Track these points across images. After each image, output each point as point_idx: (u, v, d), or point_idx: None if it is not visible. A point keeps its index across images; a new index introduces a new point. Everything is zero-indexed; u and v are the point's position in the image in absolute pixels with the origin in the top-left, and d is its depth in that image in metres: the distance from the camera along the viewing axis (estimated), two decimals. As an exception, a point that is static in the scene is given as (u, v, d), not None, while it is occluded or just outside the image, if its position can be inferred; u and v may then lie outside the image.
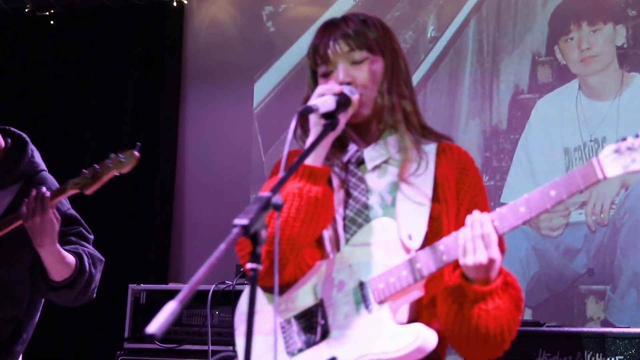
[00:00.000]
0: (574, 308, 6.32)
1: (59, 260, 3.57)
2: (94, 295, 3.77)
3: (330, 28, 2.78)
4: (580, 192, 2.38)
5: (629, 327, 5.25)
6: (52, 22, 7.86)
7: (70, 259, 3.61)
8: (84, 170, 3.56)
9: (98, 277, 3.76)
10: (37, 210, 3.49)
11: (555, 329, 5.32)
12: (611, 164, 2.35)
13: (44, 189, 3.53)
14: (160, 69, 7.79)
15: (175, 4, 7.62)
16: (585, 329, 5.27)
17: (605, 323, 6.17)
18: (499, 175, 6.65)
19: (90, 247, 3.75)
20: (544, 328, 5.30)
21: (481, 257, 2.45)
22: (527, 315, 6.22)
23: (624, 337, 4.90)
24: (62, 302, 3.75)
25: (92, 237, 3.77)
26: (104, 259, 3.77)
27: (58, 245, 3.55)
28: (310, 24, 7.38)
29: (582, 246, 6.35)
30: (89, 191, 3.57)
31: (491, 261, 2.46)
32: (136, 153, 3.54)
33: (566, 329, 5.30)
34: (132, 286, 6.21)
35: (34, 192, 3.52)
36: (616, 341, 4.90)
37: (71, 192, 3.58)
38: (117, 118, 7.72)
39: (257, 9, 7.69)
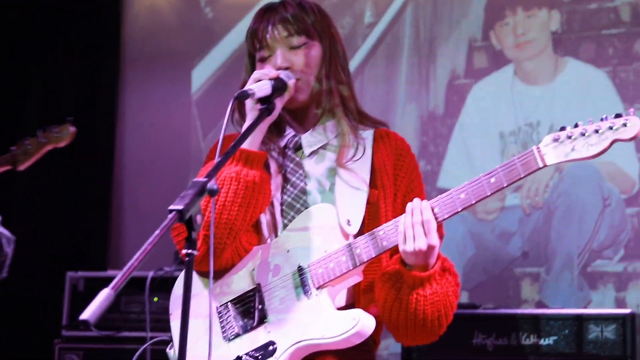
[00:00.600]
0: (509, 290, 6.39)
1: None
2: (6, 274, 3.71)
3: (269, 13, 2.80)
4: (520, 179, 2.44)
5: (562, 308, 5.33)
6: (-14, 7, 7.75)
7: None
8: (12, 147, 3.50)
9: (11, 254, 3.69)
10: None
11: (491, 310, 5.39)
12: (551, 152, 2.42)
13: None
14: (98, 56, 7.71)
15: (112, -11, 7.56)
16: (520, 311, 5.34)
17: (540, 304, 6.25)
18: (435, 160, 6.69)
19: (1, 227, 3.68)
20: (480, 310, 5.36)
21: (421, 244, 2.49)
22: (464, 297, 6.28)
23: (557, 318, 4.98)
24: None
25: (0, 217, 3.71)
26: (15, 238, 3.70)
27: None
28: (248, 10, 7.34)
29: (517, 229, 6.41)
30: (22, 167, 3.51)
31: (430, 248, 2.51)
32: (71, 127, 3.50)
33: (501, 310, 5.36)
34: (69, 273, 6.16)
35: None
36: (550, 322, 4.97)
37: (1, 169, 3.52)
38: (54, 103, 7.64)
39: (194, -5, 7.65)
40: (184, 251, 2.13)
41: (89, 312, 1.83)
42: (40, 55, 7.75)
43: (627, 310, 4.98)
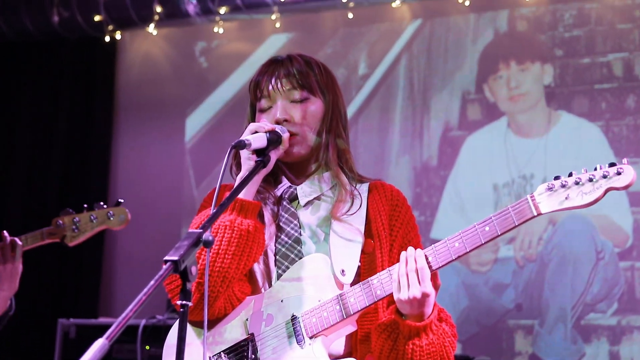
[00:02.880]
0: (502, 342, 6.38)
1: (4, 301, 3.53)
2: (14, 310, 3.71)
3: (274, 65, 2.82)
4: (514, 227, 2.44)
5: (556, 362, 5.32)
6: (-19, 54, 7.79)
7: (8, 302, 3.58)
8: (59, 221, 3.52)
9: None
10: (8, 257, 3.43)
11: (485, 363, 5.38)
12: (545, 200, 2.42)
13: (15, 238, 3.47)
14: (92, 103, 7.74)
15: (107, 39, 7.59)
16: (513, 363, 5.33)
17: (533, 357, 6.23)
18: (429, 210, 6.70)
19: None
20: (473, 363, 5.35)
21: (415, 292, 2.49)
22: (457, 349, 6.22)
23: (551, 372, 4.97)
24: None
25: None
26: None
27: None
28: (242, 60, 7.42)
29: (510, 281, 6.41)
30: (72, 244, 3.54)
31: (425, 296, 2.50)
32: (129, 213, 3.52)
33: (495, 363, 5.36)
34: (61, 320, 6.13)
35: (6, 239, 3.46)
36: (544, 375, 4.96)
37: (49, 241, 3.55)
38: (47, 152, 7.65)
39: (190, 45, 7.69)
40: (178, 302, 2.12)
41: (83, 363, 1.82)
42: (31, 102, 7.77)
43: (620, 364, 4.98)
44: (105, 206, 3.53)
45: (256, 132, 2.65)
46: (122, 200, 3.58)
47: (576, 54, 6.55)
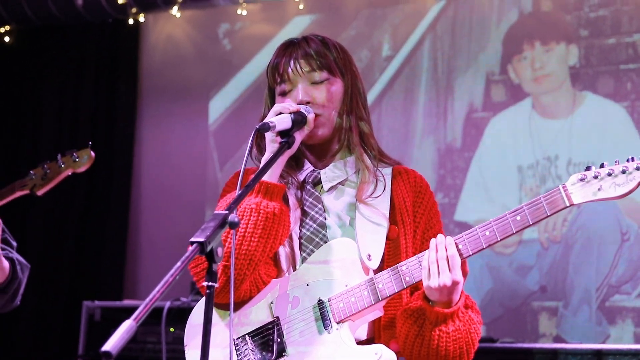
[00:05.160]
0: (526, 324, 6.37)
1: None
2: (19, 302, 3.68)
3: (291, 47, 2.80)
4: (546, 217, 2.44)
5: (581, 343, 5.30)
6: (7, 38, 7.81)
7: (6, 263, 3.52)
8: (31, 171, 3.49)
9: (24, 283, 3.66)
10: None
11: (509, 345, 5.37)
12: (578, 191, 2.43)
13: None
14: (115, 86, 7.76)
15: (131, 21, 7.60)
16: (538, 345, 5.32)
17: (558, 339, 6.22)
18: (453, 192, 6.69)
19: (16, 253, 3.66)
20: (498, 344, 5.34)
21: (445, 280, 2.49)
22: (481, 331, 6.25)
23: (576, 353, 4.95)
24: None
25: (15, 244, 3.69)
26: (29, 266, 3.68)
27: None
28: (266, 42, 7.41)
29: (534, 263, 6.40)
30: (40, 192, 3.48)
31: (455, 283, 2.50)
32: (92, 152, 3.49)
33: (519, 345, 5.34)
34: (86, 303, 6.16)
35: None
36: (568, 357, 4.95)
37: (19, 193, 3.49)
38: (72, 135, 7.68)
39: (213, 27, 7.69)
40: (204, 283, 2.13)
41: (111, 344, 1.82)
42: (57, 86, 7.80)
43: (646, 346, 4.96)
44: (74, 152, 3.51)
45: (280, 113, 2.65)
46: (90, 143, 3.56)
47: (601, 34, 6.50)
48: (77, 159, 3.49)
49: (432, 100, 6.90)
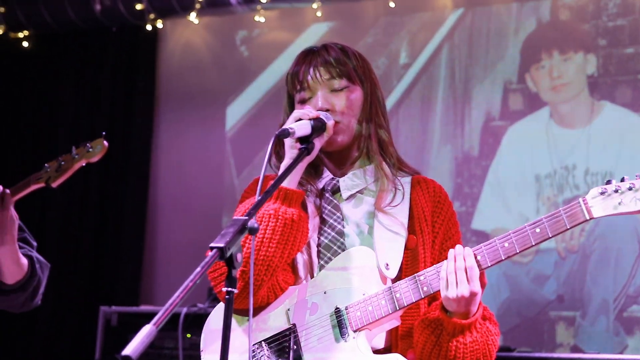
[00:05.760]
0: (544, 334, 6.35)
1: (15, 261, 3.46)
2: (40, 302, 3.67)
3: (311, 55, 2.81)
4: (565, 230, 2.43)
5: (598, 353, 5.28)
6: (25, 43, 7.84)
7: (24, 260, 3.50)
8: (46, 164, 3.49)
9: (44, 282, 3.65)
10: None
11: (526, 354, 5.35)
12: (598, 204, 2.42)
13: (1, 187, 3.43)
14: (133, 92, 7.78)
15: (149, 27, 7.62)
16: (557, 355, 5.31)
17: (575, 349, 6.19)
18: (470, 201, 6.67)
19: (36, 252, 3.66)
20: (515, 353, 5.33)
21: (463, 290, 2.49)
22: (499, 342, 6.23)
23: (593, 363, 4.94)
24: (9, 307, 3.61)
25: (35, 244, 3.69)
26: (49, 265, 3.67)
27: (16, 245, 3.47)
28: (283, 49, 7.41)
29: (552, 272, 6.38)
30: (55, 184, 3.47)
31: (473, 295, 2.50)
32: (105, 142, 3.49)
33: (537, 354, 5.33)
34: (103, 308, 6.17)
35: None
36: (586, 367, 4.94)
37: (34, 186, 3.49)
38: (88, 139, 7.68)
39: (231, 34, 7.70)
40: (224, 289, 2.13)
41: (132, 348, 1.82)
42: (74, 91, 7.82)
43: (664, 357, 4.94)
44: (87, 143, 3.51)
45: (300, 119, 2.65)
46: (104, 133, 3.56)
47: (620, 43, 6.49)
48: (90, 149, 3.50)
49: (450, 109, 6.89)
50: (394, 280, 2.64)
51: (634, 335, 6.12)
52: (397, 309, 2.56)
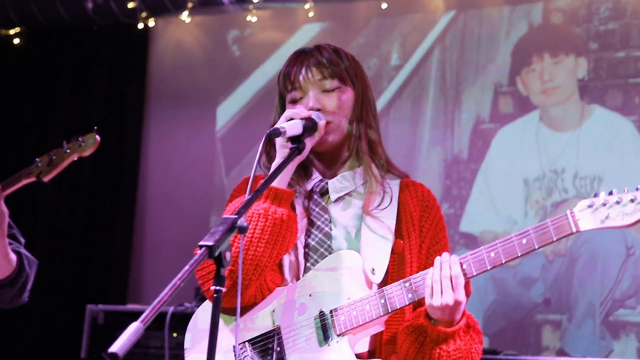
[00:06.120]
0: (530, 337, 6.36)
1: (4, 256, 3.45)
2: (27, 298, 3.66)
3: (303, 56, 2.81)
4: (552, 242, 2.43)
5: (584, 357, 5.30)
6: (16, 40, 7.83)
7: (13, 256, 3.49)
8: (37, 159, 3.48)
9: (32, 279, 3.64)
10: None
11: (513, 357, 5.37)
12: (586, 217, 2.41)
13: None
14: (124, 90, 7.77)
15: (140, 26, 7.61)
16: (541, 358, 5.33)
17: (561, 352, 6.21)
18: (458, 203, 6.68)
19: (24, 249, 3.64)
20: (501, 356, 5.34)
21: (448, 299, 2.49)
22: (484, 343, 6.23)
23: (579, 367, 4.96)
24: None
25: (24, 240, 3.67)
26: (37, 262, 3.66)
27: (6, 240, 3.46)
28: (275, 49, 7.41)
29: (539, 276, 6.39)
30: (46, 178, 3.46)
31: (457, 303, 2.50)
32: (97, 136, 3.48)
33: (522, 357, 5.34)
34: (90, 306, 6.16)
35: None
36: (572, 371, 4.95)
37: (25, 181, 3.47)
38: (81, 135, 7.67)
39: (222, 33, 7.70)
40: (212, 287, 2.12)
41: (118, 345, 1.81)
42: (65, 89, 7.81)
43: (649, 361, 4.95)
44: (79, 137, 3.50)
45: (292, 119, 2.65)
46: (96, 127, 3.56)
47: (611, 47, 6.51)
48: (82, 144, 3.49)
49: (440, 111, 6.90)
50: (380, 285, 2.63)
51: (620, 339, 6.13)
52: (381, 314, 2.56)
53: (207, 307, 2.76)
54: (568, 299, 6.31)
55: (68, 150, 3.49)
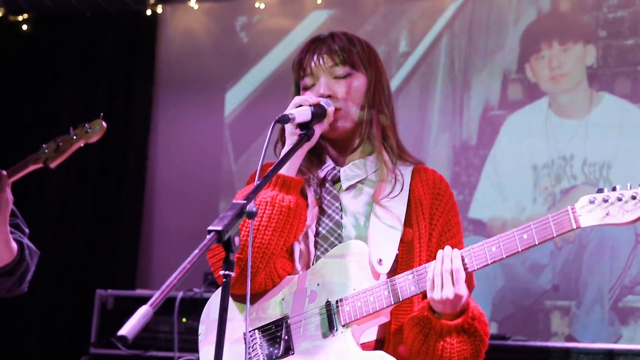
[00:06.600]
0: (539, 323, 6.36)
1: (5, 243, 3.44)
2: (26, 288, 3.65)
3: (316, 43, 2.81)
4: (552, 238, 2.42)
5: (593, 343, 5.30)
6: (24, 26, 7.83)
7: (14, 244, 3.48)
8: (44, 145, 3.48)
9: (33, 269, 3.63)
10: None
11: (521, 343, 5.37)
12: (586, 214, 2.39)
13: None
14: (132, 77, 7.77)
15: (149, 12, 7.61)
16: (551, 344, 5.33)
17: (570, 338, 6.21)
18: (467, 190, 6.68)
19: (27, 239, 3.63)
20: (510, 342, 5.34)
21: (448, 293, 2.48)
22: (493, 329, 6.25)
23: (589, 352, 4.95)
24: None
25: (27, 231, 3.66)
26: (39, 252, 3.65)
27: (8, 227, 3.45)
28: (283, 36, 7.41)
29: (548, 262, 6.39)
30: (53, 164, 3.45)
31: (458, 297, 2.49)
32: (103, 123, 3.48)
33: (532, 343, 5.35)
34: (99, 291, 6.18)
35: None
36: (580, 356, 4.94)
37: (32, 167, 3.46)
38: (88, 122, 7.68)
39: (230, 20, 7.70)
40: (221, 272, 2.13)
41: (128, 328, 1.82)
42: (73, 75, 7.82)
43: (658, 347, 4.96)
44: (86, 124, 3.50)
45: (300, 105, 2.65)
46: (102, 114, 3.55)
47: (620, 35, 6.49)
48: (89, 130, 3.48)
49: (448, 98, 6.90)
50: (389, 274, 2.63)
51: (629, 325, 6.13)
52: (385, 306, 2.56)
53: (218, 297, 2.76)
54: (577, 285, 6.31)
55: (75, 137, 3.48)
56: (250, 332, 2.68)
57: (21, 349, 7.36)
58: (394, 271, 2.64)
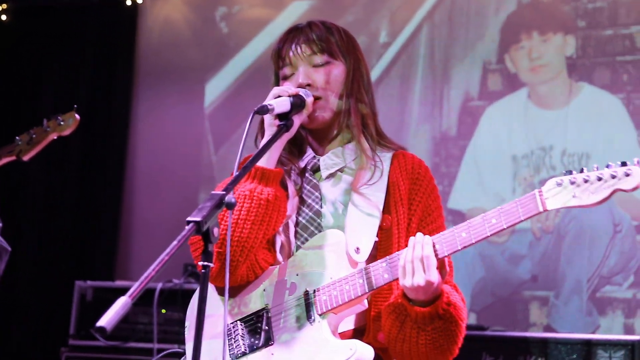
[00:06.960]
0: (517, 313, 6.38)
1: None
2: None
3: (294, 32, 2.82)
4: (520, 222, 2.42)
5: (571, 333, 5.31)
6: (3, 17, 7.79)
7: None
8: (17, 137, 3.46)
9: (2, 267, 3.59)
10: None
11: (499, 333, 5.38)
12: (553, 197, 2.39)
13: None
14: (112, 67, 7.75)
15: (129, 2, 7.58)
16: (529, 334, 5.33)
17: (548, 329, 6.24)
18: (447, 180, 6.69)
19: None
20: (488, 332, 5.35)
21: (419, 280, 2.48)
22: (472, 319, 6.27)
23: (566, 343, 4.96)
24: None
25: (0, 224, 3.62)
26: (10, 250, 3.59)
27: None
28: (263, 26, 7.39)
29: (527, 252, 6.41)
30: (26, 157, 3.44)
31: (429, 283, 2.49)
32: (76, 115, 3.46)
33: (510, 333, 5.36)
34: (78, 282, 6.16)
35: None
36: (558, 346, 4.96)
37: (5, 159, 3.45)
38: (61, 114, 7.65)
39: (210, 10, 7.68)
40: (200, 263, 2.13)
41: (106, 320, 1.82)
42: (53, 65, 7.78)
43: (636, 337, 4.97)
44: (58, 116, 3.48)
45: (279, 96, 2.65)
46: (76, 106, 3.54)
47: (599, 25, 6.51)
48: (62, 122, 3.47)
49: (428, 88, 6.90)
50: (369, 261, 2.63)
51: (606, 315, 6.16)
52: (359, 294, 2.56)
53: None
54: (555, 275, 6.33)
55: (48, 129, 3.47)
56: (232, 323, 2.68)
57: (0, 340, 7.34)
58: (373, 258, 2.65)
